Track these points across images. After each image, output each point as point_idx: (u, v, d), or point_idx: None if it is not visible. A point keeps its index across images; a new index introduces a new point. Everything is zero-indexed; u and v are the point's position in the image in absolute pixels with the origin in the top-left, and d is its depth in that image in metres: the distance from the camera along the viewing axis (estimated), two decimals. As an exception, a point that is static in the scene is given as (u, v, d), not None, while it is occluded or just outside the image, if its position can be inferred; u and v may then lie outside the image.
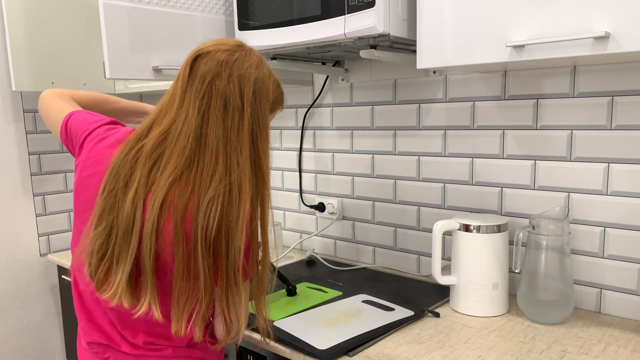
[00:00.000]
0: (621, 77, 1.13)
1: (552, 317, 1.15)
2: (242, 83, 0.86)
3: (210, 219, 0.81)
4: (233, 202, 0.83)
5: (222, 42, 0.90)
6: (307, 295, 1.34)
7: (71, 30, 1.78)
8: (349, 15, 1.13)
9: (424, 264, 1.53)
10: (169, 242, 0.82)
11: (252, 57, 0.90)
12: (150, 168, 0.84)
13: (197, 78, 0.86)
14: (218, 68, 0.86)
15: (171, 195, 0.82)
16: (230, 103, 0.85)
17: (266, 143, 0.90)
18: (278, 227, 1.76)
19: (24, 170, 1.81)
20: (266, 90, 0.90)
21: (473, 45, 1.02)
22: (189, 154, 0.83)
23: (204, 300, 0.84)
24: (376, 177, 1.60)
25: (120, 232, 0.83)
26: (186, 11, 1.38)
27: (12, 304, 1.82)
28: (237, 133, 0.85)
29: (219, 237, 0.82)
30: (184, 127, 0.84)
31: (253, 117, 0.87)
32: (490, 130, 1.34)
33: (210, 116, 0.84)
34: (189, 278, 0.82)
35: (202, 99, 0.85)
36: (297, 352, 1.04)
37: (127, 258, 0.82)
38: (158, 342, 0.94)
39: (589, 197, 1.20)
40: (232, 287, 0.85)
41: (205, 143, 0.84)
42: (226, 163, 0.84)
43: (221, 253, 0.83)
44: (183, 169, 0.83)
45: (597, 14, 0.87)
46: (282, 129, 1.84)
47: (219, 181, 0.82)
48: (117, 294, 0.83)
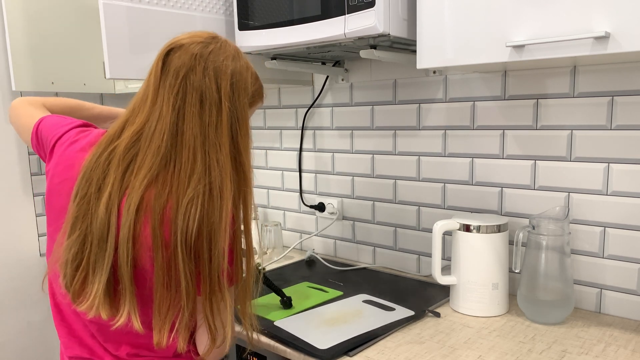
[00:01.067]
0: (621, 77, 1.13)
1: (552, 317, 1.15)
2: (218, 76, 0.82)
3: (190, 221, 0.76)
4: (214, 202, 0.78)
5: (195, 35, 0.85)
6: (307, 295, 1.34)
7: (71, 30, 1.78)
8: (349, 15, 1.13)
9: (424, 264, 1.53)
10: (147, 248, 0.78)
11: (228, 49, 0.85)
12: (124, 170, 0.80)
13: (171, 73, 0.81)
14: (192, 61, 0.81)
15: (147, 198, 0.77)
16: (207, 98, 0.80)
17: (246, 139, 0.85)
18: (278, 227, 1.76)
19: (24, 170, 1.81)
20: (244, 83, 0.85)
21: (473, 45, 1.02)
22: (165, 153, 0.79)
23: (187, 308, 0.79)
24: (376, 177, 1.60)
25: (95, 240, 0.78)
26: (186, 11, 1.38)
27: (12, 304, 1.82)
28: (216, 129, 0.80)
29: (200, 240, 0.77)
30: (158, 125, 0.80)
31: (232, 112, 0.82)
32: (490, 130, 1.34)
33: (186, 112, 0.80)
34: (170, 285, 0.78)
35: (176, 95, 0.80)
36: (297, 352, 1.04)
37: (103, 267, 0.78)
38: (143, 353, 0.89)
39: (589, 197, 1.20)
40: (216, 293, 0.80)
41: (182, 141, 0.79)
42: (205, 161, 0.79)
43: (203, 257, 0.78)
44: (159, 169, 0.78)
45: (597, 14, 0.87)
46: (282, 129, 1.84)
47: (198, 180, 0.78)
48: (95, 305, 0.78)
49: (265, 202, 1.95)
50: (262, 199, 1.96)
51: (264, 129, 1.90)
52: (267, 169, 1.92)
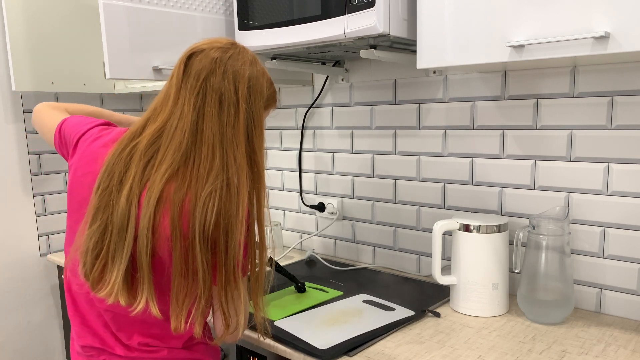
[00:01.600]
0: (621, 77, 1.13)
1: (552, 317, 1.15)
2: (236, 80, 0.87)
3: (208, 214, 0.81)
4: (232, 197, 0.83)
5: (215, 41, 0.91)
6: (308, 295, 1.34)
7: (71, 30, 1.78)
8: (349, 15, 1.13)
9: (424, 264, 1.53)
10: (166, 238, 0.82)
11: (246, 54, 0.90)
12: (145, 165, 0.84)
13: (192, 75, 0.86)
14: (212, 65, 0.86)
15: (167, 191, 0.82)
16: (226, 99, 0.86)
17: (261, 139, 0.90)
18: (278, 227, 1.76)
19: (24, 170, 1.81)
20: (260, 87, 0.90)
21: (473, 45, 1.02)
22: (185, 150, 0.83)
23: (203, 296, 0.84)
24: (376, 177, 1.60)
25: (115, 230, 0.82)
26: (186, 11, 1.38)
27: (12, 304, 1.82)
28: (233, 129, 0.86)
29: (217, 232, 0.82)
30: (180, 123, 0.84)
31: (248, 113, 0.88)
32: (490, 130, 1.34)
33: (206, 112, 0.85)
34: (187, 274, 0.82)
35: (197, 96, 0.85)
36: (297, 352, 1.04)
37: (122, 255, 0.82)
38: (153, 343, 0.93)
39: (589, 197, 1.20)
40: (231, 283, 0.85)
41: (202, 139, 0.84)
42: (223, 158, 0.84)
43: (220, 248, 0.82)
44: (179, 164, 0.83)
45: (597, 14, 0.87)
46: (282, 129, 1.84)
47: (215, 176, 0.82)
48: (114, 292, 0.82)
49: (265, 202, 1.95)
50: (262, 199, 1.96)
51: (264, 129, 1.90)
52: (267, 169, 1.92)
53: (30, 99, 1.81)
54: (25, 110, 1.81)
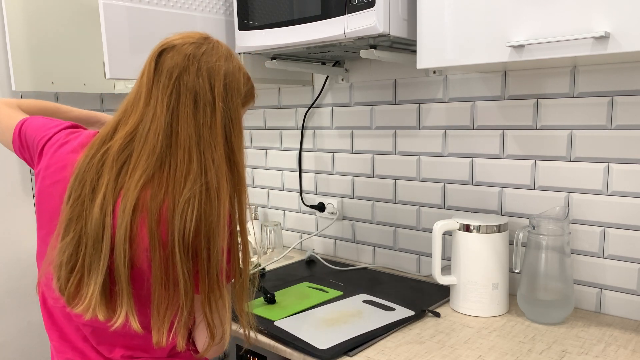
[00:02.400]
0: (621, 77, 1.13)
1: (552, 317, 1.15)
2: (211, 77, 0.82)
3: (187, 221, 0.76)
4: (212, 201, 0.79)
5: (187, 35, 0.86)
6: (307, 295, 1.34)
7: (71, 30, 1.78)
8: (349, 15, 1.13)
9: (424, 264, 1.53)
10: (144, 248, 0.78)
11: (220, 49, 0.86)
12: (118, 171, 0.79)
13: (164, 73, 0.81)
14: (185, 62, 0.81)
15: (143, 198, 0.77)
16: (201, 98, 0.81)
17: (240, 138, 0.86)
18: (278, 227, 1.76)
19: (24, 170, 1.81)
20: (237, 83, 0.86)
21: (473, 45, 1.02)
22: (160, 154, 0.79)
23: (185, 307, 0.79)
24: (376, 177, 1.60)
25: (90, 242, 0.78)
26: (186, 11, 1.38)
27: (12, 304, 1.82)
28: (210, 129, 0.81)
29: (198, 239, 0.78)
30: (152, 125, 0.80)
31: (225, 112, 0.83)
32: (490, 130, 1.34)
33: (180, 113, 0.80)
34: (168, 285, 0.78)
35: (170, 95, 0.80)
36: (297, 352, 1.04)
37: (99, 268, 0.77)
38: (137, 355, 0.89)
39: (589, 197, 1.20)
40: (215, 291, 0.81)
41: (177, 141, 0.79)
42: (201, 161, 0.79)
43: (202, 256, 0.79)
44: (154, 169, 0.78)
45: (597, 14, 0.87)
46: (282, 129, 1.84)
47: (194, 180, 0.78)
48: (91, 307, 0.78)
49: (265, 202, 1.95)
50: (262, 199, 1.96)
51: (264, 129, 1.90)
52: (267, 169, 1.92)
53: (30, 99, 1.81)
54: (25, 110, 1.81)
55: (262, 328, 1.13)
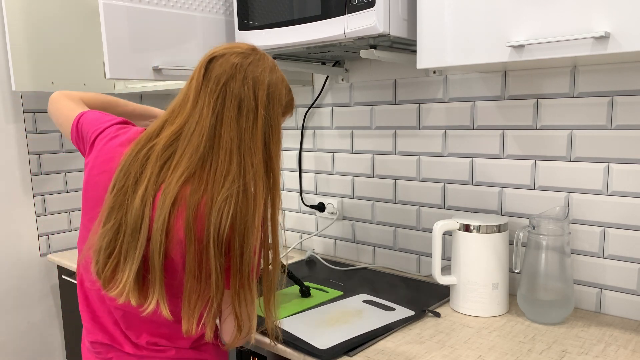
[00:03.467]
0: (621, 77, 1.13)
1: (552, 317, 1.15)
2: (256, 86, 0.87)
3: (223, 219, 0.81)
4: (248, 202, 0.83)
5: (236, 46, 0.91)
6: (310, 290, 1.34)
7: (71, 30, 1.78)
8: (349, 15, 1.13)
9: (424, 264, 1.53)
10: (179, 241, 0.82)
11: (266, 61, 0.91)
12: (161, 166, 0.85)
13: (212, 79, 0.86)
14: (233, 70, 0.86)
15: (183, 194, 0.82)
16: (245, 105, 0.86)
17: (278, 146, 0.91)
18: (278, 227, 1.76)
19: (24, 170, 1.81)
20: (279, 94, 0.90)
21: (473, 45, 1.02)
22: (203, 153, 0.84)
23: (215, 300, 0.84)
24: (376, 177, 1.60)
25: (129, 230, 0.83)
26: (186, 11, 1.38)
27: (12, 304, 1.82)
28: (251, 134, 0.86)
29: (232, 236, 0.82)
30: (198, 126, 0.85)
31: (266, 120, 0.88)
32: (490, 130, 1.34)
33: (225, 117, 0.85)
34: (200, 277, 0.82)
35: (216, 100, 0.85)
36: (298, 352, 1.04)
37: (134, 256, 0.82)
38: (162, 343, 0.94)
39: (589, 197, 1.20)
40: (245, 287, 0.85)
41: (219, 143, 0.84)
42: (240, 164, 0.84)
43: (235, 253, 0.83)
44: (196, 168, 0.83)
45: (597, 14, 0.87)
46: (282, 129, 1.84)
47: (232, 181, 0.83)
48: (125, 292, 0.83)
49: (265, 202, 1.95)
50: (262, 199, 1.96)
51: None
52: (267, 169, 1.92)
53: (30, 99, 1.81)
54: (25, 110, 1.81)
55: (262, 328, 1.13)
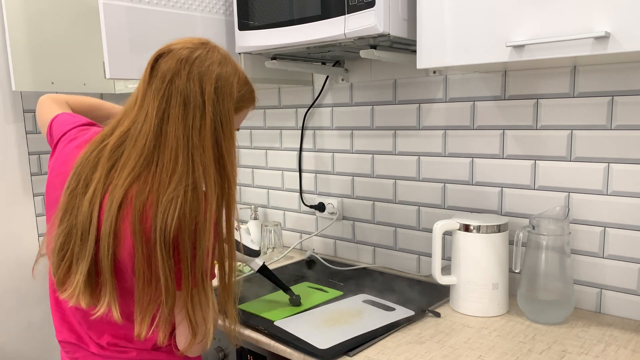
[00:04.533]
0: (621, 77, 1.13)
1: (552, 317, 1.15)
2: (203, 81, 0.84)
3: (169, 220, 0.79)
4: (199, 202, 0.82)
5: (186, 40, 0.88)
6: (308, 295, 1.34)
7: (71, 30, 1.78)
8: (349, 15, 1.13)
9: (424, 264, 1.53)
10: (127, 243, 0.81)
11: (215, 54, 0.88)
12: (110, 168, 0.83)
13: (158, 77, 0.84)
14: (178, 66, 0.84)
15: (129, 196, 0.81)
16: (191, 102, 0.83)
17: (230, 142, 0.87)
18: (278, 227, 1.76)
19: (24, 170, 1.81)
20: (229, 87, 0.87)
21: (473, 45, 1.02)
22: (148, 154, 0.82)
23: (167, 303, 0.82)
24: (376, 177, 1.60)
25: (79, 233, 0.82)
26: (186, 11, 1.38)
27: (12, 304, 1.82)
28: (199, 132, 0.83)
29: (181, 237, 0.80)
30: (144, 126, 0.83)
31: (215, 116, 0.85)
32: (490, 130, 1.34)
33: (170, 115, 0.83)
34: (150, 280, 0.81)
35: (161, 98, 0.83)
36: (297, 352, 1.04)
37: (85, 258, 0.82)
38: (122, 344, 0.93)
39: (589, 197, 1.20)
40: (198, 289, 0.83)
41: (165, 143, 0.82)
42: (187, 163, 0.82)
43: (186, 254, 0.81)
44: (142, 168, 0.82)
45: (597, 13, 0.87)
46: (282, 129, 1.84)
47: (179, 181, 0.81)
48: (75, 294, 0.83)
49: (265, 202, 1.95)
50: (262, 199, 1.96)
51: (264, 129, 1.90)
52: (267, 169, 1.92)
53: (30, 99, 1.81)
54: (25, 110, 1.81)
55: (262, 328, 1.13)
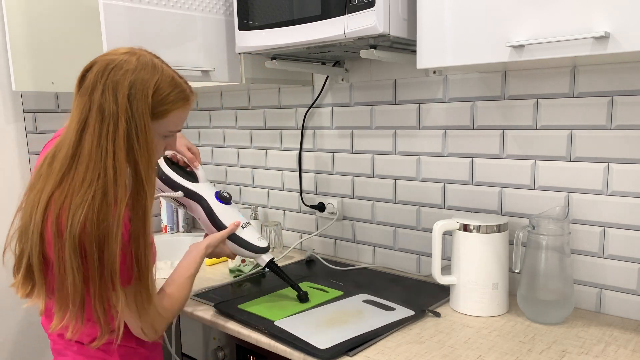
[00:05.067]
0: (621, 77, 1.13)
1: (552, 317, 1.15)
2: (116, 90, 0.89)
3: (75, 222, 0.85)
4: (108, 206, 0.87)
5: (112, 51, 0.94)
6: (308, 294, 1.34)
7: (71, 30, 1.78)
8: (349, 15, 1.13)
9: (424, 264, 1.53)
10: (49, 243, 0.88)
11: (132, 61, 0.91)
12: (47, 175, 0.91)
13: (82, 91, 0.91)
14: (96, 77, 0.90)
15: (52, 200, 0.88)
16: (106, 111, 0.88)
17: (145, 149, 0.91)
18: (278, 227, 1.76)
19: (24, 170, 1.81)
20: (143, 93, 0.90)
21: (473, 45, 1.02)
22: (68, 162, 0.89)
23: (74, 302, 0.88)
24: (376, 177, 1.60)
25: (24, 231, 0.91)
26: (186, 11, 1.38)
27: (12, 304, 1.82)
28: (114, 140, 0.88)
29: (88, 241, 0.85)
30: (68, 136, 0.90)
31: (129, 123, 0.89)
32: (490, 130, 1.34)
33: (88, 126, 0.89)
34: (64, 277, 0.87)
35: (82, 109, 0.90)
36: (298, 352, 1.04)
37: (24, 255, 0.91)
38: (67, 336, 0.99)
39: (589, 197, 1.20)
40: (108, 291, 0.89)
41: (81, 151, 0.89)
42: (98, 168, 0.87)
43: (93, 257, 0.86)
44: (63, 175, 0.89)
45: (597, 14, 0.87)
46: (282, 129, 1.84)
47: (88, 186, 0.87)
48: (16, 285, 0.92)
49: (265, 202, 1.95)
50: (262, 199, 1.96)
51: (264, 129, 1.90)
52: (267, 169, 1.92)
53: (30, 99, 1.81)
54: (26, 110, 1.81)
55: (262, 328, 1.13)
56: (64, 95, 1.88)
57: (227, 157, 2.07)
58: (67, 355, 1.04)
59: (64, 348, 1.04)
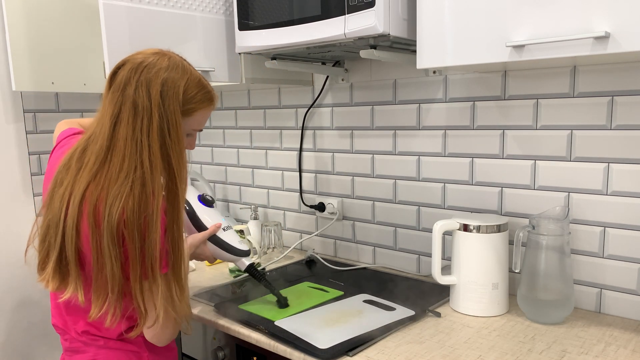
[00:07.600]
0: (621, 77, 1.13)
1: (552, 317, 1.15)
2: (149, 87, 0.92)
3: (114, 212, 0.88)
4: (147, 197, 0.90)
5: (143, 51, 0.98)
6: (308, 294, 1.34)
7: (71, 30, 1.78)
8: (349, 15, 1.13)
9: (424, 264, 1.53)
10: (85, 235, 0.91)
11: (164, 61, 0.95)
12: (78, 169, 0.94)
13: (114, 86, 0.94)
14: (129, 74, 0.93)
15: (88, 193, 0.91)
16: (140, 106, 0.92)
17: (177, 142, 0.95)
18: (278, 227, 1.76)
19: (24, 170, 1.81)
20: (175, 90, 0.95)
21: (473, 45, 1.02)
22: (103, 156, 0.92)
23: (113, 288, 0.90)
24: (376, 177, 1.60)
25: (53, 226, 0.94)
26: (186, 11, 1.38)
27: (12, 304, 1.82)
28: (148, 135, 0.91)
29: (128, 229, 0.88)
30: (101, 131, 0.93)
31: (162, 118, 0.93)
32: (490, 130, 1.34)
33: (122, 120, 0.92)
34: (102, 267, 0.90)
35: (115, 105, 0.93)
36: (298, 352, 1.04)
37: (55, 248, 0.93)
38: (92, 331, 1.02)
39: (589, 197, 1.20)
40: (148, 278, 0.91)
41: (116, 144, 0.92)
42: (135, 160, 0.91)
43: (134, 244, 0.89)
44: (98, 168, 0.92)
45: (597, 13, 0.87)
46: (282, 129, 1.84)
47: (125, 177, 0.90)
48: (47, 279, 0.95)
49: (265, 202, 1.95)
50: (262, 199, 1.96)
51: (264, 129, 1.90)
52: (267, 169, 1.92)
53: (30, 99, 1.81)
54: (25, 110, 1.81)
55: (262, 328, 1.13)
56: (64, 95, 1.88)
57: (227, 157, 2.07)
58: (86, 352, 1.04)
59: (84, 345, 1.04)
